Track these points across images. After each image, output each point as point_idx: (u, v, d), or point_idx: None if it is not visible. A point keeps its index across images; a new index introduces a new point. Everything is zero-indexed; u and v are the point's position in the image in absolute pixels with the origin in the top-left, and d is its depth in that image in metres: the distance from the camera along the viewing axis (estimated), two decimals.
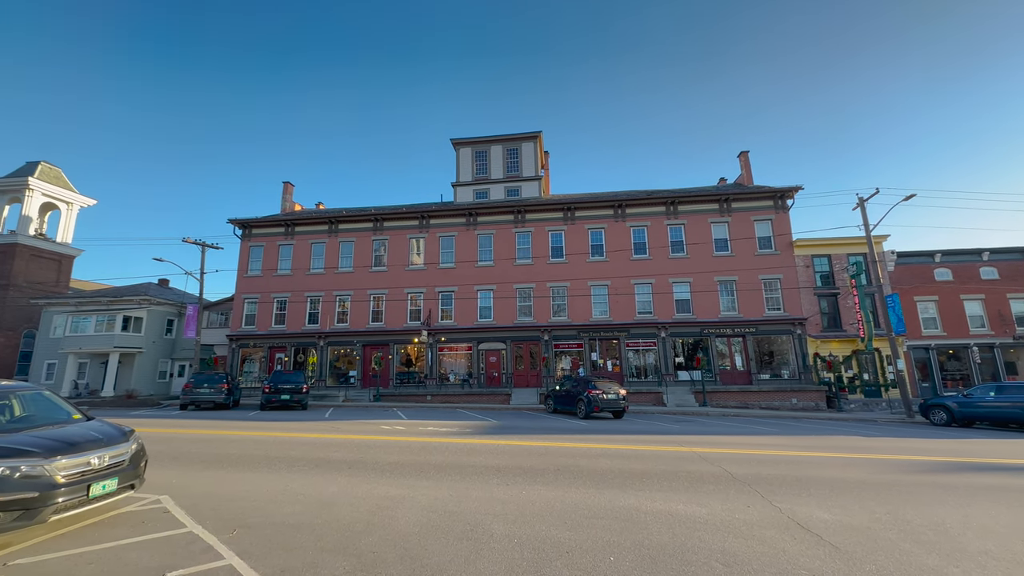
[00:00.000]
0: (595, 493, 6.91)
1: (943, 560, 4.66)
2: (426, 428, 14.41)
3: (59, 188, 35.55)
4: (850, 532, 5.40)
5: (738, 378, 25.45)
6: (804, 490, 7.26)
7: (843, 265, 26.55)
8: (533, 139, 31.83)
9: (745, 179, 30.45)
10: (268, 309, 29.65)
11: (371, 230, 30.07)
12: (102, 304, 31.04)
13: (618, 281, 27.15)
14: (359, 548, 4.77)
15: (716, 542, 5.01)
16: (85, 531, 5.21)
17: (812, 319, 25.86)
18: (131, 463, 5.76)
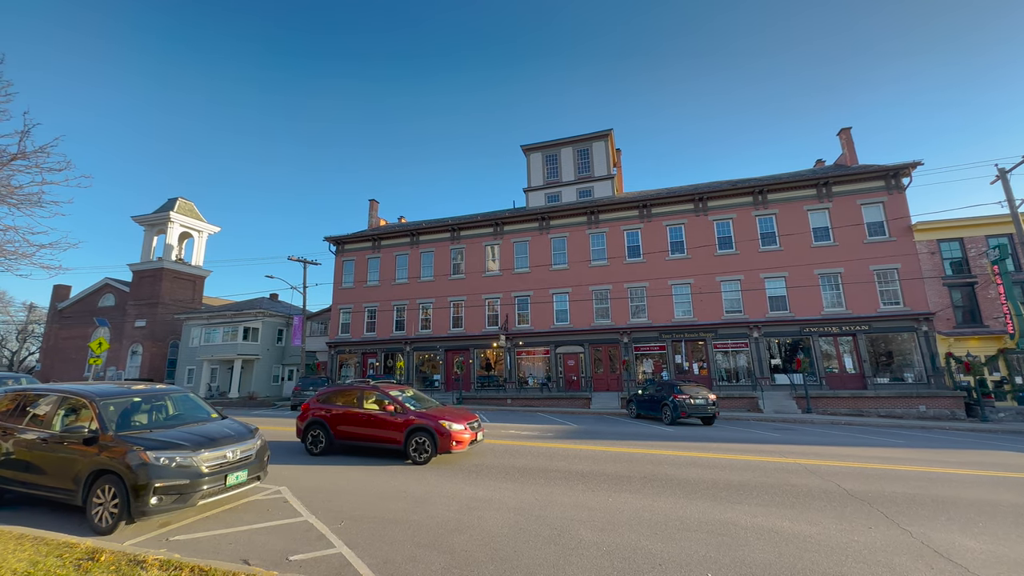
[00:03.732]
0: (686, 504, 6.58)
1: None
2: (508, 431, 14.67)
3: (192, 219, 41.66)
4: (1008, 567, 4.58)
5: (849, 382, 22.64)
6: (941, 512, 6.29)
7: (980, 249, 22.56)
8: (604, 138, 31.19)
9: (848, 159, 27.15)
10: (360, 318, 32.13)
11: (449, 239, 31.39)
12: (227, 317, 35.74)
13: (702, 279, 25.55)
14: (452, 546, 5.00)
15: (831, 566, 4.53)
16: (223, 515, 6.04)
17: (942, 314, 22.27)
18: (257, 457, 6.58)
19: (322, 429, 10.16)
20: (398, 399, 9.94)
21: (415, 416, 9.50)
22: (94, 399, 6.16)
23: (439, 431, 9.16)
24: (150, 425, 6.46)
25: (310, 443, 10.18)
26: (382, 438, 9.67)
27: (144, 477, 5.32)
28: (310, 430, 10.26)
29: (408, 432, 9.40)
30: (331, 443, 10.10)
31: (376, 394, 10.24)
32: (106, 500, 5.47)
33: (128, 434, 5.85)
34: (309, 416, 10.43)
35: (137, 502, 5.28)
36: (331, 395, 10.79)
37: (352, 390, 10.68)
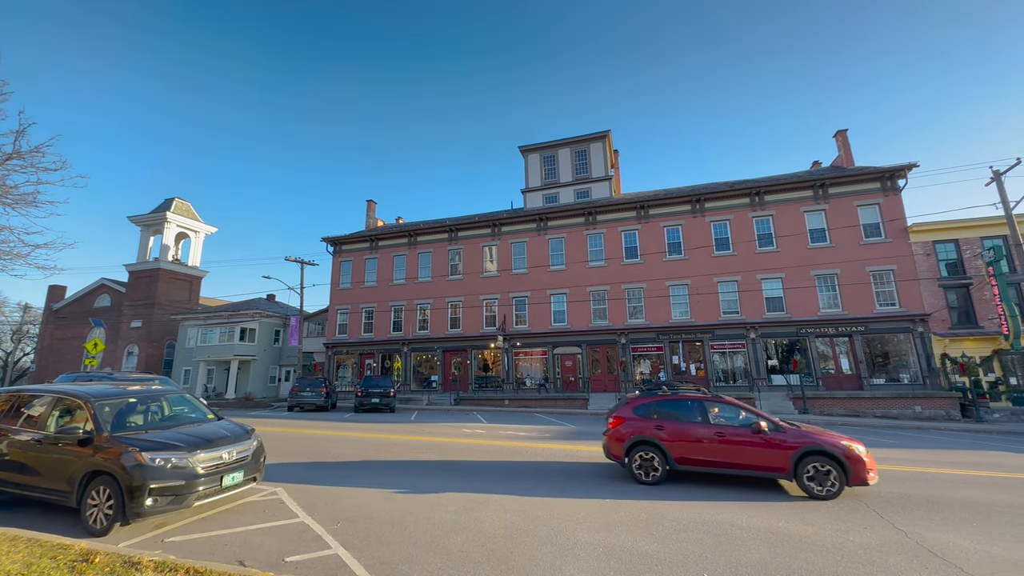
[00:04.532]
0: (684, 504, 6.59)
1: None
2: (505, 432, 14.67)
3: (189, 219, 41.51)
4: (1001, 566, 4.61)
5: (845, 383, 22.73)
6: (936, 512, 6.32)
7: (975, 250, 22.71)
8: (601, 139, 31.25)
9: (844, 161, 27.28)
10: (358, 319, 32.07)
11: (446, 240, 31.38)
12: (223, 318, 35.61)
13: (699, 280, 25.62)
14: (448, 547, 5.00)
15: (827, 566, 4.55)
16: (219, 517, 6.02)
17: (937, 315, 22.39)
18: (253, 458, 6.56)
19: (656, 451, 8.01)
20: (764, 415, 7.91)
21: (805, 438, 7.33)
22: (89, 400, 6.13)
23: (849, 456, 7.00)
24: (146, 426, 6.44)
25: (638, 467, 8.01)
26: (754, 465, 7.48)
27: (139, 478, 5.30)
28: (636, 451, 8.12)
29: (799, 457, 7.21)
30: (670, 468, 7.92)
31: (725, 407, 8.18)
32: (101, 501, 5.45)
33: (123, 435, 5.82)
34: (632, 433, 8.22)
35: (132, 503, 5.26)
36: (653, 406, 8.55)
37: (687, 400, 8.48)
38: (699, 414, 8.16)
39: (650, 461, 7.99)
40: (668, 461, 7.91)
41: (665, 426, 8.14)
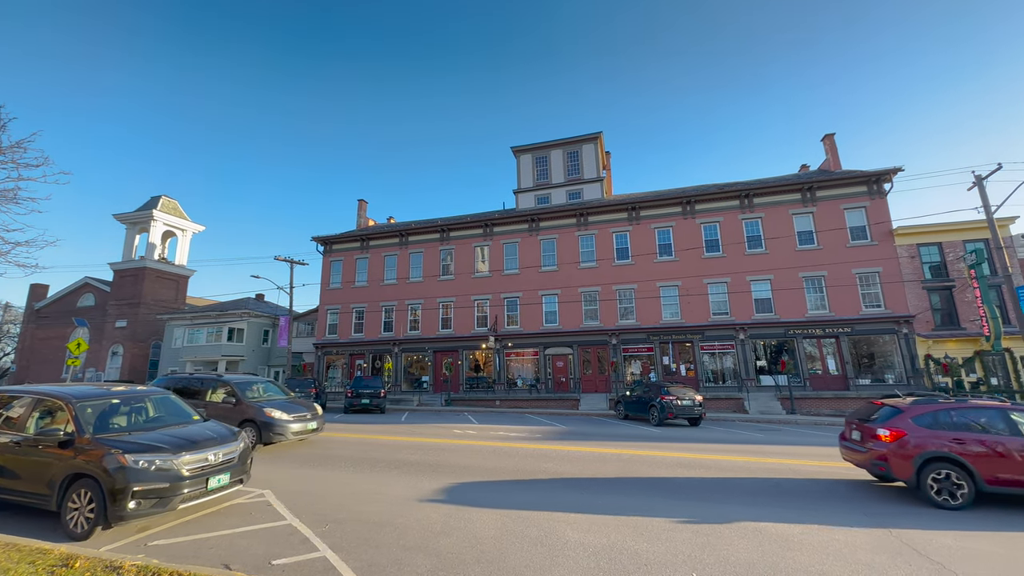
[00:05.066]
0: (672, 504, 6.63)
1: None
2: (496, 433, 14.65)
3: (176, 218, 40.89)
4: (980, 561, 4.70)
5: (832, 383, 23.06)
6: (919, 511, 6.43)
7: (958, 254, 23.18)
8: (593, 140, 31.38)
9: (831, 164, 27.69)
10: (348, 319, 31.83)
11: (438, 240, 31.28)
12: (211, 317, 35.13)
13: (689, 281, 25.82)
14: (438, 548, 4.97)
15: (813, 564, 4.60)
16: (204, 519, 5.92)
17: (921, 316, 22.81)
18: (240, 460, 6.47)
19: (957, 469, 6.81)
20: None
21: None
22: (70, 401, 6.00)
23: None
24: (129, 427, 6.32)
25: (936, 491, 6.84)
26: None
27: (122, 481, 5.20)
28: (932, 469, 6.91)
29: None
30: (976, 491, 6.72)
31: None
32: (82, 505, 5.33)
33: (106, 437, 5.71)
34: (922, 448, 7.03)
35: (114, 506, 5.15)
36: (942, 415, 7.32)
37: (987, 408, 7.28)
38: (1004, 423, 7.08)
39: (952, 480, 6.79)
40: (975, 481, 6.72)
41: (965, 439, 6.96)
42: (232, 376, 12.24)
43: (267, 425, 10.56)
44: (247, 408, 10.95)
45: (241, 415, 10.83)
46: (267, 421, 10.62)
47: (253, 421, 10.65)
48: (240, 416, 10.80)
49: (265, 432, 10.53)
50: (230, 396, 11.39)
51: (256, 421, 10.64)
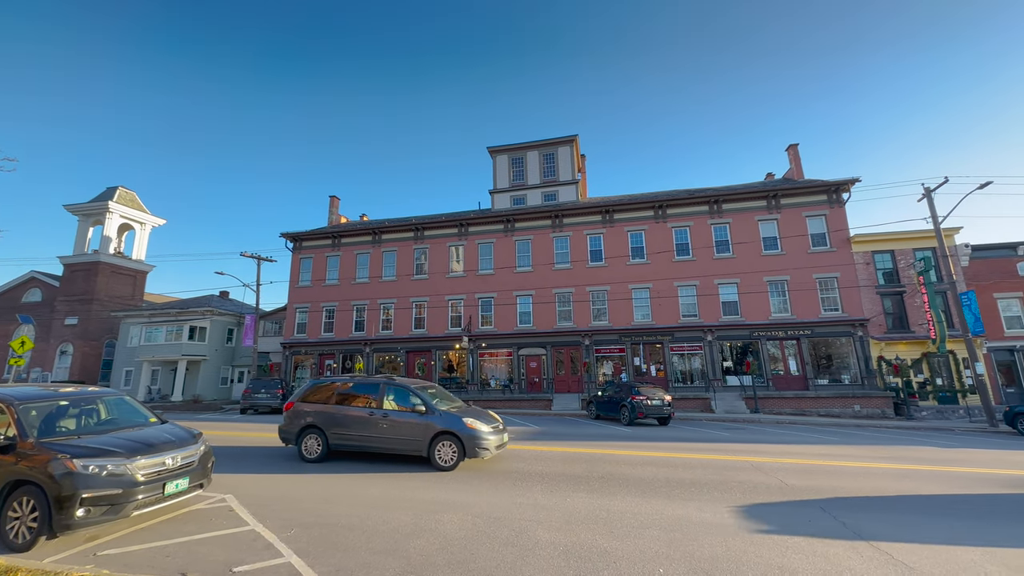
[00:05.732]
0: (641, 502, 6.75)
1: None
2: None
3: (134, 210, 38.90)
4: (926, 552, 4.98)
5: (793, 383, 24.05)
6: (872, 504, 6.77)
7: (909, 261, 24.59)
8: (569, 143, 31.70)
9: (795, 173, 28.90)
10: (318, 318, 31.04)
11: (412, 239, 30.91)
12: (171, 315, 33.60)
13: (660, 283, 26.43)
14: (408, 551, 4.90)
15: (774, 557, 4.77)
16: (161, 526, 5.65)
17: (875, 320, 24.08)
18: (200, 464, 6.21)
19: None
20: None
21: None
22: (12, 403, 5.62)
23: None
24: (79, 431, 5.96)
25: None
26: None
27: (69, 487, 4.90)
28: None
29: None
30: None
31: None
32: (23, 513, 5.00)
33: (52, 441, 5.37)
34: None
35: (60, 515, 4.85)
36: None
37: None
38: None
39: None
40: None
41: None
42: (404, 379, 10.15)
43: (472, 438, 8.77)
44: (442, 417, 9.04)
45: (434, 427, 8.96)
46: (471, 434, 8.79)
47: (453, 434, 8.83)
48: (433, 428, 8.94)
49: (470, 446, 8.74)
50: (414, 402, 9.36)
51: (458, 434, 8.80)
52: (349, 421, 9.35)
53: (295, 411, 9.82)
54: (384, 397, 9.45)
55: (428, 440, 8.88)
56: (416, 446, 8.95)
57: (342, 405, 9.58)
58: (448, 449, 8.79)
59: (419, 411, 9.12)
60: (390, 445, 9.12)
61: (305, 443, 9.51)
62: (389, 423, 9.15)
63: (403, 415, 9.18)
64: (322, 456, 9.37)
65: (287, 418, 9.91)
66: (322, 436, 9.43)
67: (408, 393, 9.51)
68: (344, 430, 9.33)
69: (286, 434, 9.85)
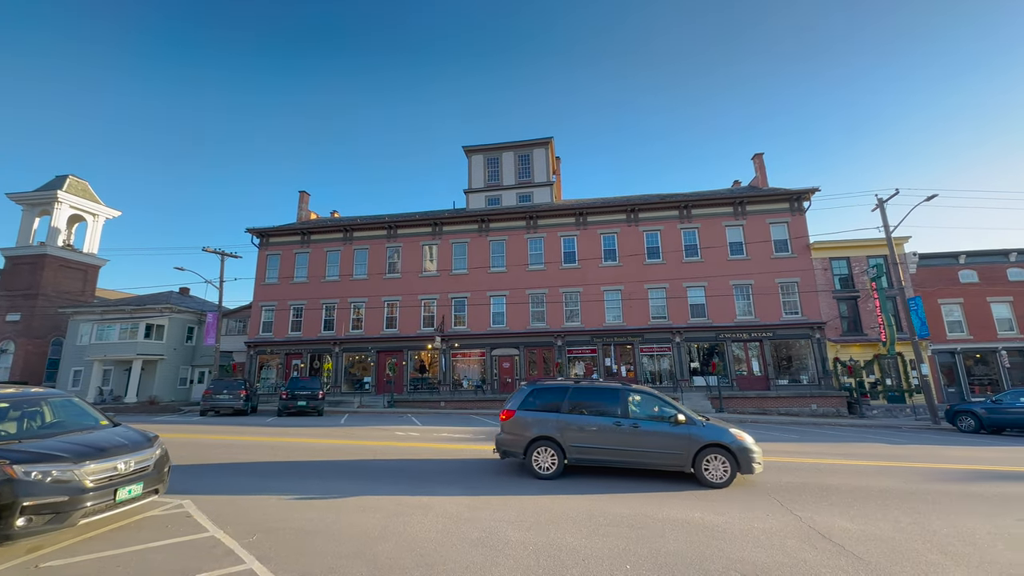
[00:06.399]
0: (612, 501, 6.87)
1: (970, 572, 4.52)
2: (440, 434, 14.47)
3: (86, 200, 36.73)
4: (874, 542, 5.27)
5: (755, 383, 24.99)
6: (825, 499, 7.11)
7: (863, 268, 25.97)
8: (544, 145, 31.93)
9: (760, 181, 30.07)
10: (285, 316, 30.13)
11: (385, 237, 30.43)
12: (126, 312, 31.89)
13: (631, 286, 26.96)
14: (375, 554, 4.82)
15: (735, 551, 4.94)
16: (112, 534, 5.35)
17: (831, 323, 25.32)
18: (155, 468, 5.92)
19: None
20: None
21: None
22: None
23: None
24: (19, 435, 5.58)
25: None
26: None
27: (8, 495, 4.57)
28: None
29: None
30: None
31: None
32: None
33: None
34: None
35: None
36: None
37: None
38: None
39: None
40: None
41: None
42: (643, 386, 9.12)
43: (744, 451, 7.73)
44: (708, 428, 8.00)
45: (699, 438, 7.88)
46: (743, 446, 7.77)
47: (723, 446, 7.78)
48: (698, 440, 7.88)
49: (744, 460, 7.70)
50: (666, 411, 8.29)
51: (729, 447, 7.76)
52: (591, 432, 8.23)
53: (520, 420, 8.62)
54: (627, 405, 8.39)
55: (692, 453, 7.85)
56: (676, 460, 7.91)
57: (579, 414, 8.49)
58: (719, 464, 7.73)
59: (675, 421, 8.07)
60: (643, 459, 8.03)
61: (536, 457, 8.33)
62: (640, 434, 8.07)
63: (656, 425, 8.11)
64: (559, 472, 8.23)
65: (509, 428, 8.70)
66: (557, 449, 8.29)
67: (656, 400, 8.50)
68: (585, 442, 8.21)
69: (510, 446, 8.61)
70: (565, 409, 8.56)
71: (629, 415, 8.27)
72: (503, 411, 8.94)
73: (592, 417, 8.39)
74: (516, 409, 8.78)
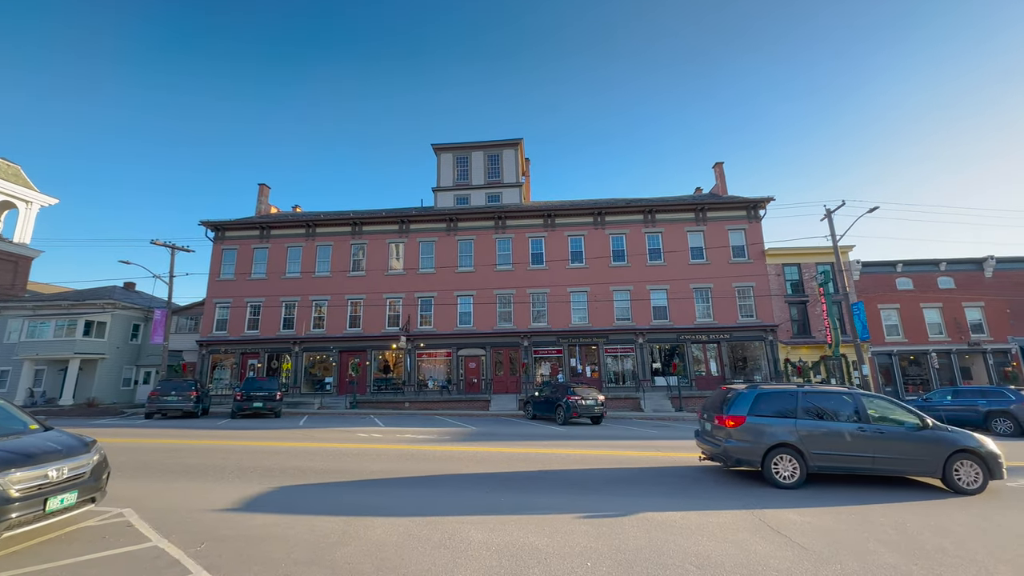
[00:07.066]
0: (572, 499, 6.95)
1: (903, 558, 4.86)
2: (404, 435, 14.24)
3: (17, 186, 33.88)
4: (818, 533, 5.57)
5: (713, 383, 25.99)
6: (775, 492, 7.46)
7: (812, 274, 27.53)
8: (514, 146, 32.03)
9: (720, 189, 31.32)
10: (241, 314, 28.82)
11: (350, 234, 29.66)
12: (62, 308, 29.63)
13: (597, 288, 27.46)
14: (334, 559, 4.68)
15: (691, 545, 5.11)
16: (40, 548, 4.95)
17: (783, 326, 26.68)
18: (92, 475, 5.51)
19: None
20: None
21: None
22: None
23: None
24: None
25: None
26: None
27: None
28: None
29: None
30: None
31: None
32: None
33: None
34: None
35: None
36: None
37: None
38: None
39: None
40: None
41: None
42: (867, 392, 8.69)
43: (994, 456, 7.61)
44: (956, 433, 7.86)
45: (949, 443, 7.72)
46: (992, 451, 7.64)
47: (973, 451, 7.63)
48: (949, 445, 7.71)
49: (995, 466, 7.56)
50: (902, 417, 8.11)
51: (977, 451, 7.61)
52: (835, 438, 7.92)
53: (753, 427, 8.16)
54: (865, 409, 8.12)
55: (943, 459, 7.69)
56: (925, 466, 7.77)
57: (818, 419, 8.14)
58: (970, 470, 7.60)
59: (922, 425, 7.94)
60: (891, 466, 7.86)
61: (776, 465, 7.93)
62: (886, 440, 7.84)
63: (900, 430, 7.97)
64: (801, 481, 7.83)
65: (740, 436, 8.18)
66: (797, 456, 7.91)
67: (894, 405, 8.36)
68: (830, 449, 7.90)
69: (744, 455, 8.10)
70: (800, 415, 8.20)
71: (869, 420, 8.06)
72: (727, 417, 8.37)
73: (833, 423, 8.09)
74: (746, 415, 8.29)
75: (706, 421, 9.11)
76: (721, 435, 8.36)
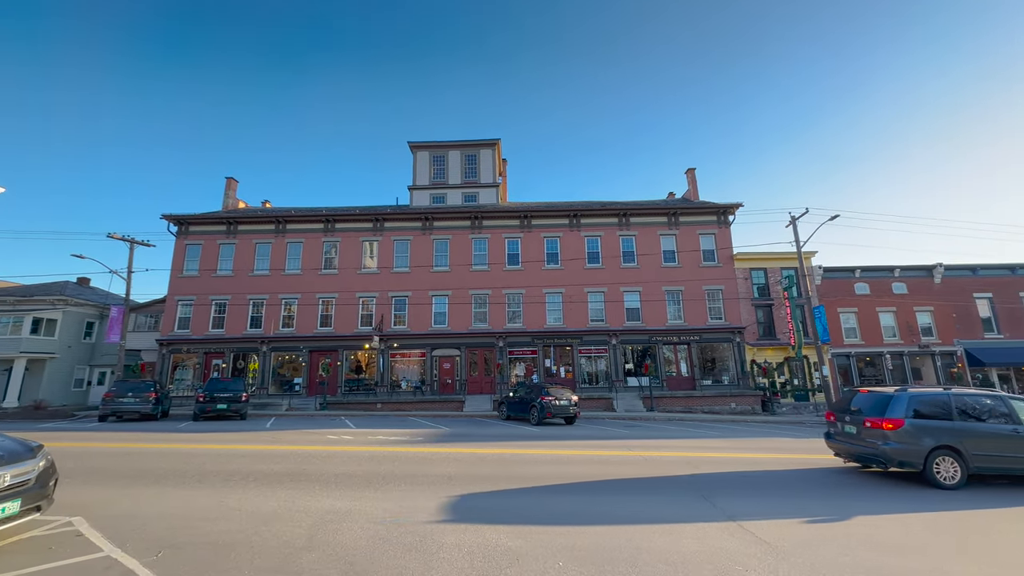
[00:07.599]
0: (546, 498, 6.99)
1: (873, 553, 5.10)
2: (375, 437, 13.99)
3: None
4: (782, 529, 5.78)
5: (683, 384, 26.64)
6: (741, 489, 7.70)
7: (777, 278, 28.59)
8: (491, 146, 31.99)
9: (692, 194, 32.15)
10: (205, 312, 27.70)
11: (322, 231, 28.96)
12: (7, 304, 27.79)
13: (572, 289, 27.72)
14: (299, 566, 4.54)
15: (664, 543, 5.21)
16: None
17: (750, 328, 27.59)
18: (38, 482, 5.18)
19: None
20: None
21: None
22: None
23: None
24: None
25: None
26: None
27: None
28: None
29: None
30: None
31: None
32: None
33: None
34: None
35: None
36: None
37: None
38: None
39: None
40: None
41: None
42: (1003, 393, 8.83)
43: None
44: None
45: None
46: None
47: None
48: None
49: None
50: None
51: None
52: (994, 440, 8.20)
53: (913, 430, 8.34)
54: (1017, 412, 8.43)
55: None
56: None
57: (975, 422, 8.38)
58: None
59: None
60: None
61: (938, 467, 8.14)
62: None
63: None
64: (963, 482, 8.07)
65: (900, 438, 8.33)
66: (958, 458, 8.14)
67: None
68: (991, 451, 8.16)
69: (906, 456, 8.26)
70: (956, 417, 8.43)
71: (1021, 421, 8.34)
72: (884, 420, 8.55)
73: (990, 424, 8.36)
74: (904, 418, 8.47)
75: (845, 424, 9.27)
76: (877, 437, 8.52)
